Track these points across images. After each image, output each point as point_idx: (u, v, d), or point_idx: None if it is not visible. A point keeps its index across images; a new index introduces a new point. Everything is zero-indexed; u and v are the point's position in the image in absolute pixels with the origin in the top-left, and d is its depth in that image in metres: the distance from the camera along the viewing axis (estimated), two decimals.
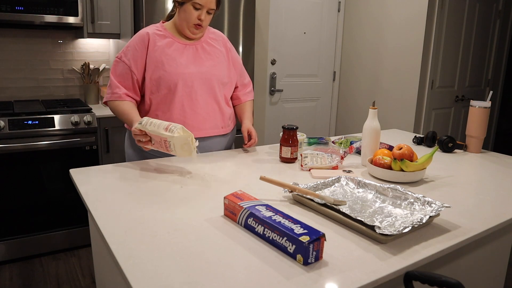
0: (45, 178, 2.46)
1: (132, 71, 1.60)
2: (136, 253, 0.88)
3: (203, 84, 1.65)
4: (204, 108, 1.67)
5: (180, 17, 1.61)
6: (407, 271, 0.87)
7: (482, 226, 1.07)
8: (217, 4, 1.62)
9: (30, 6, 2.42)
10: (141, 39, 1.61)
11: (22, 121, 2.35)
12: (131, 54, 1.61)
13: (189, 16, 1.58)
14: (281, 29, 3.54)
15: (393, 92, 3.45)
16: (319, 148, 1.83)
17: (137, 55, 1.60)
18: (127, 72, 1.61)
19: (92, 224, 1.28)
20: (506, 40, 3.95)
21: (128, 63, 1.60)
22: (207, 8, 1.58)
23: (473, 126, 1.83)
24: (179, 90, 1.61)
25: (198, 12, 1.58)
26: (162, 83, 1.60)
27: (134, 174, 1.40)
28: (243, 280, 0.79)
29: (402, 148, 1.42)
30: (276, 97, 3.68)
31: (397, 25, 3.34)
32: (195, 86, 1.63)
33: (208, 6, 1.58)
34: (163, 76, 1.59)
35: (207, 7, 1.58)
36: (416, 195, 1.14)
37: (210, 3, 1.57)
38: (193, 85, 1.62)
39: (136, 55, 1.60)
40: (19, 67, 2.83)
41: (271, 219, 0.94)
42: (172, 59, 1.61)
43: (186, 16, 1.59)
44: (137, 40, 1.61)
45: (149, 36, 1.61)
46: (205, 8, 1.58)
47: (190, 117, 1.65)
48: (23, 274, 2.36)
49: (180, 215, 1.08)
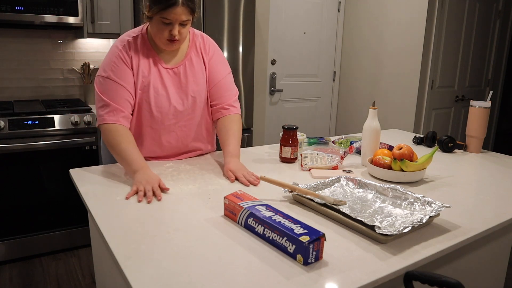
0: (45, 178, 2.46)
1: (127, 89, 1.44)
2: (136, 253, 0.88)
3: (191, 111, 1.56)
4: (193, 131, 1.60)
5: (152, 31, 1.42)
6: (407, 271, 0.87)
7: (482, 226, 1.07)
8: (191, 12, 1.38)
9: (30, 6, 2.42)
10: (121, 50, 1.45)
11: (22, 121, 2.35)
12: (119, 71, 1.43)
13: (160, 32, 1.39)
14: (281, 29, 3.54)
15: (393, 92, 3.45)
16: (319, 148, 1.83)
17: (124, 72, 1.44)
18: (120, 92, 1.43)
19: (92, 224, 1.28)
20: (506, 40, 3.95)
21: (120, 82, 1.43)
22: (178, 21, 1.36)
23: (473, 126, 1.83)
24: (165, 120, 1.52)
25: (168, 27, 1.37)
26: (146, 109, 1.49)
27: None
28: (243, 280, 0.79)
29: (402, 148, 1.42)
30: (276, 97, 3.68)
31: (397, 25, 3.34)
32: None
33: (179, 20, 1.36)
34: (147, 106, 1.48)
35: (178, 21, 1.36)
36: (416, 195, 1.14)
37: (180, 16, 1.34)
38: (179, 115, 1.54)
39: (124, 71, 1.44)
40: (19, 67, 2.83)
41: (271, 219, 0.94)
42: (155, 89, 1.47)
43: (155, 31, 1.40)
44: (120, 52, 1.44)
45: (129, 47, 1.45)
46: (176, 22, 1.36)
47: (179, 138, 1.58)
48: (23, 274, 2.36)
49: (180, 215, 1.08)
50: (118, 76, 1.43)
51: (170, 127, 1.54)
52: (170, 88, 1.50)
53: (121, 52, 1.45)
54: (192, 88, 1.54)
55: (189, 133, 1.59)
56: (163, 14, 1.34)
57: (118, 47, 1.46)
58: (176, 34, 1.38)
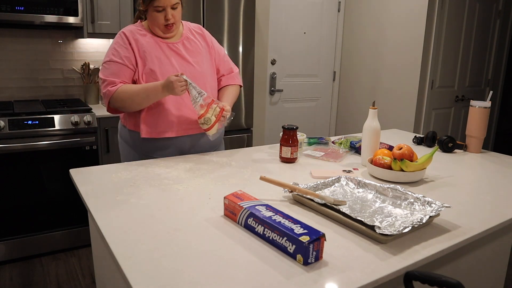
0: (45, 178, 2.46)
1: (127, 66, 1.58)
2: (136, 253, 0.88)
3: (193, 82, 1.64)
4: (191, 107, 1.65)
5: (150, 22, 1.61)
6: (407, 271, 0.87)
7: (482, 226, 1.07)
8: None
9: (30, 6, 2.42)
10: (120, 39, 1.60)
11: (22, 121, 2.35)
12: (119, 53, 1.58)
13: (156, 20, 1.57)
14: (281, 29, 3.54)
15: (393, 92, 3.45)
16: (319, 148, 1.83)
17: (125, 52, 1.58)
18: (121, 68, 1.57)
19: (92, 224, 1.28)
20: (506, 40, 3.95)
21: (121, 61, 1.57)
22: (169, 6, 1.55)
23: (473, 126, 1.83)
24: None
25: (162, 13, 1.56)
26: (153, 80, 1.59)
27: (134, 174, 1.40)
28: (243, 280, 0.79)
29: (402, 148, 1.42)
30: (276, 97, 3.68)
31: (397, 25, 3.34)
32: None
33: (169, 4, 1.54)
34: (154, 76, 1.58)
35: (168, 5, 1.55)
36: (416, 195, 1.14)
37: (170, 0, 1.54)
38: None
39: (125, 52, 1.58)
40: (19, 67, 2.83)
41: (271, 219, 0.94)
42: (159, 59, 1.60)
43: (154, 21, 1.58)
44: (118, 41, 1.60)
45: (126, 35, 1.60)
46: (168, 7, 1.55)
47: (183, 113, 1.63)
48: (23, 274, 2.36)
49: (180, 215, 1.08)
50: (118, 57, 1.58)
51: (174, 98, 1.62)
52: (171, 58, 1.63)
53: (120, 38, 1.61)
54: (193, 60, 1.67)
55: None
56: (155, 3, 1.54)
57: (116, 37, 1.63)
58: (170, 17, 1.57)
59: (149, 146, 1.66)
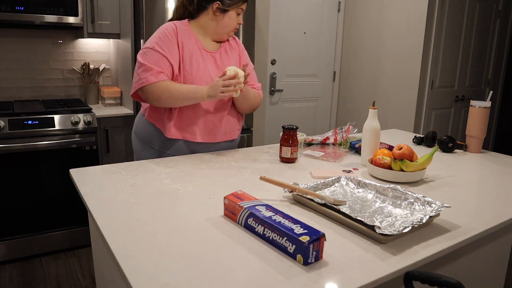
0: (45, 178, 2.46)
1: (168, 59, 1.55)
2: (136, 253, 0.88)
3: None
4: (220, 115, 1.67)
5: (221, 24, 1.62)
6: (407, 271, 0.87)
7: (482, 226, 1.07)
8: None
9: (30, 6, 2.43)
10: (172, 31, 1.58)
11: (22, 121, 2.35)
12: (165, 45, 1.55)
13: (232, 22, 1.62)
14: (281, 29, 3.54)
15: (393, 92, 3.45)
16: (319, 148, 1.83)
17: (171, 46, 1.56)
18: (162, 60, 1.54)
19: (92, 224, 1.28)
20: (506, 40, 3.95)
21: (164, 53, 1.54)
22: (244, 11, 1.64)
23: (473, 126, 1.83)
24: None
25: (239, 17, 1.63)
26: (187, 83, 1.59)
27: (134, 174, 1.40)
28: (243, 280, 0.79)
29: (402, 148, 1.42)
30: (276, 97, 3.68)
31: (397, 25, 3.34)
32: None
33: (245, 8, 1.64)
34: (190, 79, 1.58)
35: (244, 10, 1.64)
36: (416, 195, 1.14)
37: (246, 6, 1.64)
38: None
39: (170, 46, 1.56)
40: (19, 67, 2.83)
41: (271, 219, 0.94)
42: (197, 64, 1.60)
43: (229, 22, 1.62)
44: (166, 33, 1.57)
45: (177, 30, 1.59)
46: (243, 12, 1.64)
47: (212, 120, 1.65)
48: (23, 274, 2.36)
49: (180, 215, 1.08)
50: (162, 48, 1.55)
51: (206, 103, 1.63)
52: (208, 66, 1.64)
53: (167, 30, 1.58)
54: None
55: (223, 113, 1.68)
56: (242, 5, 1.61)
57: (166, 27, 1.59)
58: (241, 21, 1.65)
59: (167, 144, 1.67)
